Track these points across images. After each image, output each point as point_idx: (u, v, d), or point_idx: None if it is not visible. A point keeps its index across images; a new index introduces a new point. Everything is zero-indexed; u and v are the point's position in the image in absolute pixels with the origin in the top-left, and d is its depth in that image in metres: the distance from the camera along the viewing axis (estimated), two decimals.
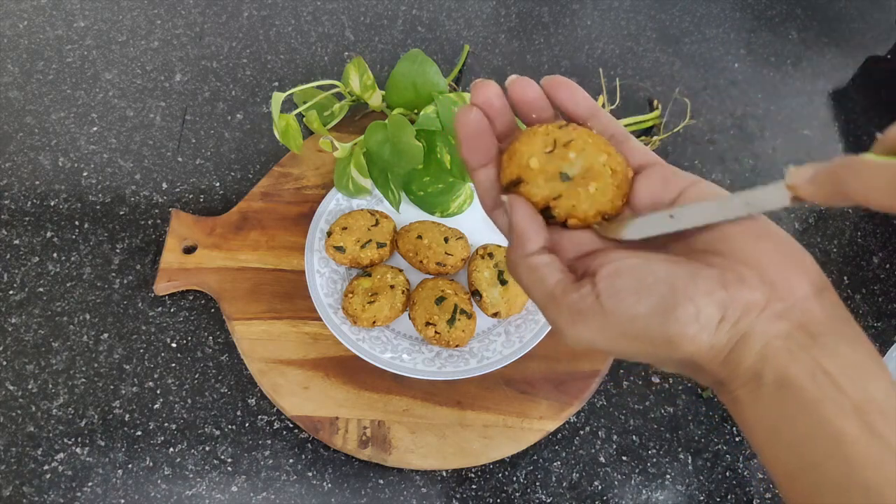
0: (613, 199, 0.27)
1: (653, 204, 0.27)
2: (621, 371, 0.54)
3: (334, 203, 0.56)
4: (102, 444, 0.49)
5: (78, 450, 0.48)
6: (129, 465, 0.48)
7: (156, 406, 0.50)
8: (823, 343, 0.22)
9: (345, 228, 0.53)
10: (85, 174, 0.60)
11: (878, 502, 0.20)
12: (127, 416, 0.50)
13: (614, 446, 0.51)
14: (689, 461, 0.51)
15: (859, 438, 0.20)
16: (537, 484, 0.49)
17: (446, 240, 0.53)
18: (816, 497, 0.21)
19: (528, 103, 0.28)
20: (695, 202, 0.26)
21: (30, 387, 0.51)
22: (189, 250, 0.55)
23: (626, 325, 0.23)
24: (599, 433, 0.51)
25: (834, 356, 0.22)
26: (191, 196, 0.60)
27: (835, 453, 0.21)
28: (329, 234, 0.53)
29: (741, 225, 0.25)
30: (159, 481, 0.48)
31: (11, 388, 0.50)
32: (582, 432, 0.51)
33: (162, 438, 0.49)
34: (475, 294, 0.52)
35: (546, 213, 0.27)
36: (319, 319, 0.51)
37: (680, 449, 0.51)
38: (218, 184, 0.61)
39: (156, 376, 0.52)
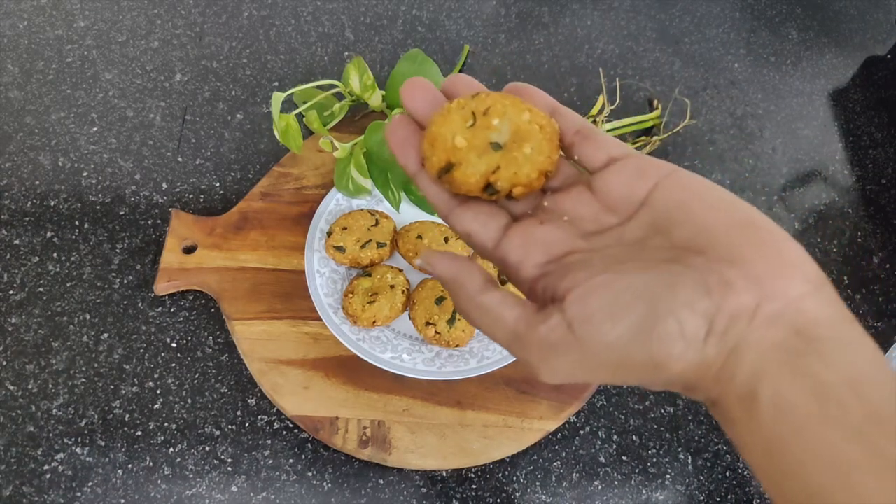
0: (550, 154, 0.25)
1: (627, 198, 0.25)
2: None
3: (334, 203, 0.56)
4: (102, 444, 0.49)
5: (78, 450, 0.48)
6: (129, 465, 0.48)
7: (156, 406, 0.50)
8: (822, 351, 0.20)
9: (345, 228, 0.53)
10: (85, 174, 0.60)
11: None
12: (127, 416, 0.50)
13: (614, 446, 0.51)
14: (689, 461, 0.51)
15: (864, 463, 0.19)
16: (537, 484, 0.49)
17: (446, 240, 0.53)
18: None
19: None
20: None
21: (30, 387, 0.51)
22: (189, 250, 0.55)
23: (605, 353, 0.21)
24: (599, 433, 0.51)
25: (834, 365, 0.20)
26: (191, 196, 0.60)
27: (838, 481, 0.19)
28: (329, 234, 0.53)
29: (722, 214, 0.22)
30: (159, 481, 0.48)
31: (11, 388, 0.50)
32: (582, 432, 0.51)
33: (162, 438, 0.49)
34: None
35: (488, 189, 0.25)
36: (319, 319, 0.51)
37: (680, 449, 0.51)
38: (218, 184, 0.61)
39: (156, 376, 0.52)
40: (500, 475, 0.49)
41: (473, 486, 0.49)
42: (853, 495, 0.19)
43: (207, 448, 0.49)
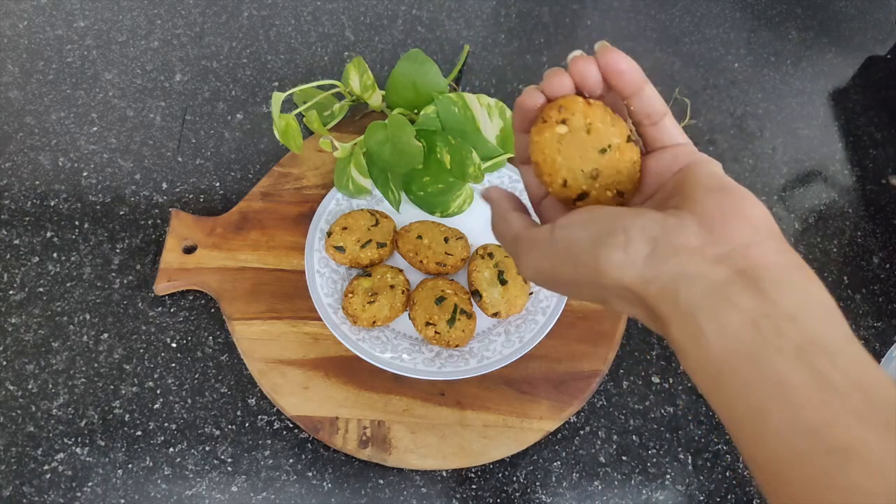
0: (632, 174, 0.29)
1: (656, 185, 0.28)
2: (621, 371, 0.54)
3: (334, 203, 0.56)
4: (102, 444, 0.49)
5: (78, 450, 0.48)
6: (129, 465, 0.48)
7: (156, 406, 0.50)
8: (764, 288, 0.22)
9: (345, 228, 0.53)
10: (85, 174, 0.60)
11: (823, 444, 0.19)
12: (127, 416, 0.50)
13: (614, 446, 0.51)
14: (689, 461, 0.51)
15: (802, 381, 0.20)
16: (537, 484, 0.49)
17: (446, 240, 0.53)
18: (762, 443, 0.21)
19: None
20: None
21: (30, 387, 0.51)
22: (189, 250, 0.55)
23: (566, 251, 0.25)
24: (599, 433, 0.51)
25: (775, 301, 0.22)
26: (191, 196, 0.60)
27: (778, 398, 0.20)
28: (329, 234, 0.53)
29: (705, 185, 0.25)
30: (159, 481, 0.48)
31: (11, 388, 0.50)
32: (582, 432, 0.51)
33: (162, 438, 0.49)
34: (475, 294, 0.52)
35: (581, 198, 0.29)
36: (319, 319, 0.51)
37: (680, 449, 0.51)
38: (218, 184, 0.61)
39: (156, 376, 0.52)
40: (500, 475, 0.49)
41: (473, 486, 0.49)
42: (795, 413, 0.20)
43: (207, 448, 0.49)
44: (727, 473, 0.50)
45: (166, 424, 0.50)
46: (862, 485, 0.19)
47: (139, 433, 0.49)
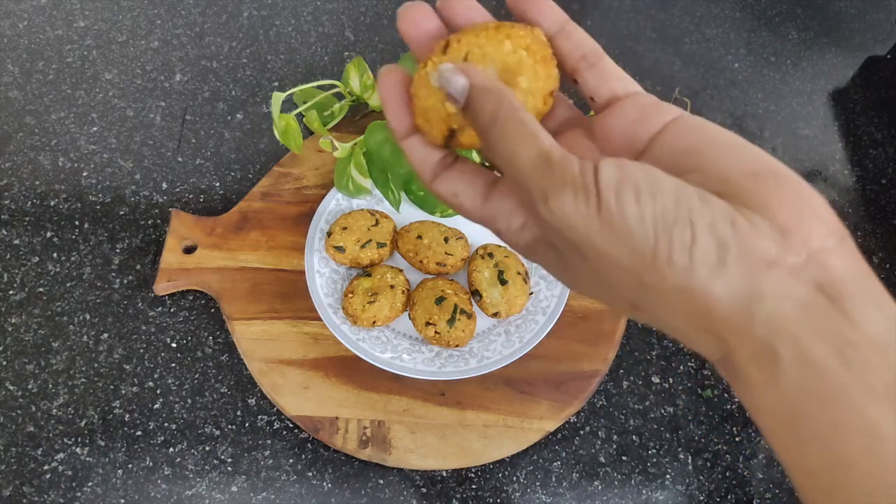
0: (549, 73, 0.23)
1: (628, 145, 0.23)
2: (621, 371, 0.54)
3: (334, 203, 0.56)
4: (102, 444, 0.49)
5: (78, 450, 0.48)
6: (129, 465, 0.48)
7: (156, 406, 0.50)
8: (848, 308, 0.18)
9: (345, 228, 0.53)
10: (85, 174, 0.60)
11: None
12: (127, 416, 0.50)
13: (614, 446, 0.51)
14: (689, 461, 0.51)
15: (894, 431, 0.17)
16: (537, 484, 0.49)
17: (446, 240, 0.53)
18: (842, 499, 0.18)
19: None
20: None
21: (30, 387, 0.51)
22: (189, 250, 0.55)
23: (614, 220, 0.19)
24: (599, 433, 0.51)
25: (861, 325, 0.18)
26: (191, 196, 0.60)
27: (868, 449, 0.17)
28: (329, 234, 0.53)
29: (739, 160, 0.21)
30: (159, 481, 0.48)
31: (11, 388, 0.50)
32: (582, 432, 0.51)
33: (162, 438, 0.49)
34: (475, 294, 0.52)
35: None
36: (319, 319, 0.51)
37: (680, 449, 0.51)
38: (218, 184, 0.61)
39: (156, 376, 0.52)
40: (500, 475, 0.49)
41: (473, 486, 0.49)
42: (881, 465, 0.17)
43: (207, 448, 0.49)
44: (727, 473, 0.50)
45: (166, 424, 0.50)
46: None
47: (139, 433, 0.49)
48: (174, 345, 0.53)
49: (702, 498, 0.49)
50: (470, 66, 0.22)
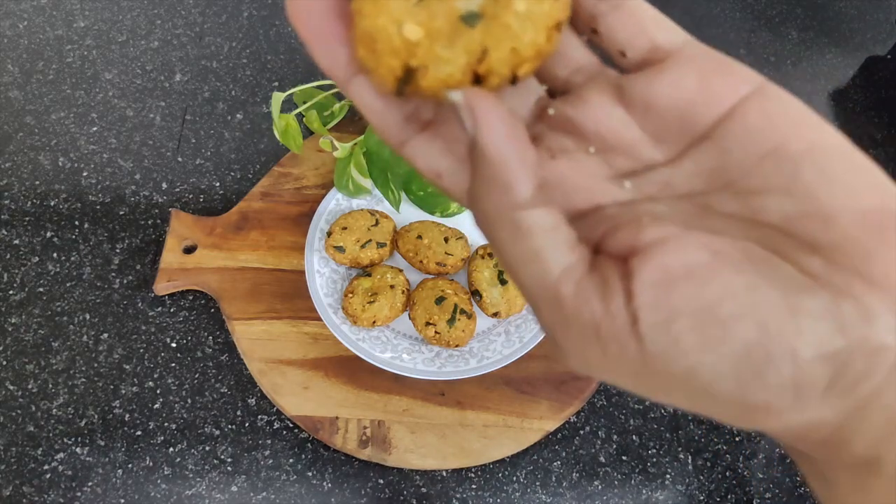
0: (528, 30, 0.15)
1: (678, 124, 0.16)
2: None
3: (334, 203, 0.56)
4: (102, 444, 0.49)
5: (78, 450, 0.48)
6: (129, 465, 0.48)
7: (156, 406, 0.50)
8: None
9: (345, 228, 0.53)
10: (85, 174, 0.60)
11: None
12: (127, 416, 0.50)
13: (614, 446, 0.51)
14: (689, 461, 0.51)
15: None
16: (537, 484, 0.49)
17: (446, 240, 0.53)
18: None
19: None
20: None
21: (30, 387, 0.51)
22: (189, 250, 0.55)
23: (679, 377, 0.14)
24: (599, 433, 0.51)
25: None
26: (191, 196, 0.60)
27: None
28: (329, 234, 0.53)
29: (853, 189, 0.14)
30: (159, 481, 0.48)
31: (11, 388, 0.50)
32: (582, 432, 0.51)
33: (162, 438, 0.49)
34: (475, 294, 0.52)
35: (477, 82, 0.16)
36: (319, 319, 0.51)
37: (680, 449, 0.51)
38: (218, 184, 0.61)
39: (156, 376, 0.52)
40: (500, 475, 0.49)
41: (473, 486, 0.49)
42: None
43: (207, 448, 0.49)
44: (727, 473, 0.50)
45: (166, 424, 0.50)
46: None
47: (139, 433, 0.49)
48: (174, 345, 0.53)
49: (702, 498, 0.49)
50: (489, 112, 0.15)
